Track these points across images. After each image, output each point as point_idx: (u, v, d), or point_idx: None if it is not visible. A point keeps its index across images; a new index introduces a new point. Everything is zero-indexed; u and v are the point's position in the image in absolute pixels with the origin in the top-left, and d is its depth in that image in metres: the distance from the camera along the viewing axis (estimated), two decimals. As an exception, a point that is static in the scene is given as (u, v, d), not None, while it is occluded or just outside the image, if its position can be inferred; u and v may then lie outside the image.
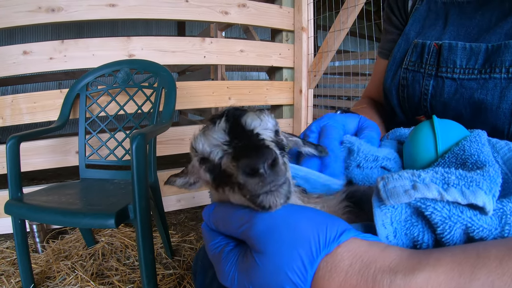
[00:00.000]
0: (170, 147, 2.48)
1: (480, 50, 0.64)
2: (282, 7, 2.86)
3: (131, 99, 1.92)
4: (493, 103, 0.62)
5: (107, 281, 1.66)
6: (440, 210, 0.36)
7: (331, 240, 0.34)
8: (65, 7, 2.13)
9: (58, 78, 6.00)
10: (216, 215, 0.43)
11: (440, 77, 0.70)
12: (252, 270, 0.36)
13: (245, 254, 0.38)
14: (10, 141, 1.48)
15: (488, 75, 0.63)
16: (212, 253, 0.43)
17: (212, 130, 0.43)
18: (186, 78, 6.39)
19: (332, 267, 0.34)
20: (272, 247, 0.35)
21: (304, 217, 0.36)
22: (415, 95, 0.75)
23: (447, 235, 0.35)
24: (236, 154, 0.37)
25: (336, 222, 0.36)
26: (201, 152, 0.43)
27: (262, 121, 0.44)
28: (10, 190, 1.46)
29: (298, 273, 0.34)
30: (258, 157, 0.34)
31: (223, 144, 0.41)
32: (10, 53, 2.09)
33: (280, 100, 3.00)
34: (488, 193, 0.35)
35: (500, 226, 0.35)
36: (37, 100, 2.16)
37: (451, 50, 0.68)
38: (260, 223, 0.37)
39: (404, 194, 0.36)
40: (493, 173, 0.38)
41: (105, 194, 1.55)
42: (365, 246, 0.35)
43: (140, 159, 1.30)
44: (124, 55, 2.31)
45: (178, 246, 2.04)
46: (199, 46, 2.55)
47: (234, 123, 0.43)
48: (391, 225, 0.38)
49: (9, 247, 2.03)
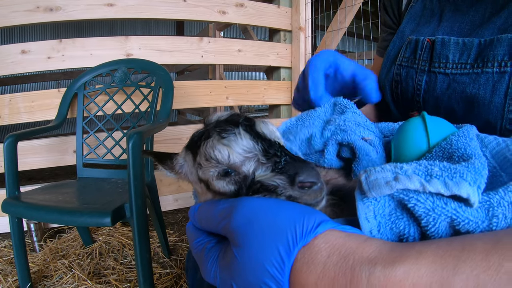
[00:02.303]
0: (167, 146, 2.48)
1: (473, 45, 0.65)
2: (280, 7, 2.86)
3: (129, 98, 1.93)
4: (485, 98, 0.63)
5: (104, 280, 1.66)
6: (423, 202, 0.35)
7: (308, 231, 0.34)
8: (63, 6, 2.14)
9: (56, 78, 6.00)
10: (200, 213, 0.43)
11: (433, 72, 0.71)
12: (232, 265, 0.36)
13: (225, 250, 0.39)
14: (8, 140, 1.48)
15: (480, 70, 0.63)
16: (195, 251, 0.43)
17: (234, 140, 0.42)
18: (185, 78, 6.39)
19: (310, 259, 0.33)
20: (250, 240, 0.35)
21: (282, 209, 0.36)
22: (408, 90, 0.76)
23: (431, 227, 0.35)
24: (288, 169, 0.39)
25: (313, 214, 0.36)
26: (225, 164, 0.42)
27: (274, 132, 0.45)
28: (7, 189, 1.47)
29: (276, 265, 0.34)
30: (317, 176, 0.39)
31: (260, 156, 0.41)
32: (8, 52, 2.09)
33: (278, 99, 3.01)
34: (473, 185, 0.34)
35: (487, 219, 0.34)
36: (35, 99, 2.16)
37: (444, 45, 0.69)
38: (238, 217, 0.37)
39: (385, 185, 0.36)
40: (478, 165, 0.37)
41: (102, 193, 1.55)
42: (343, 238, 0.34)
43: (137, 157, 1.31)
44: (122, 54, 2.31)
45: (175, 246, 2.04)
46: (197, 46, 2.55)
47: (254, 133, 0.43)
48: (375, 219, 0.37)
49: (6, 246, 2.03)
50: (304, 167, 0.39)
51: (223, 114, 0.48)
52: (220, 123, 0.45)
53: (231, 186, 0.42)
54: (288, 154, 0.42)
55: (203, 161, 0.43)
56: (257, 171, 0.41)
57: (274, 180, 0.39)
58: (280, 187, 0.39)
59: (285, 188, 0.39)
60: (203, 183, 0.46)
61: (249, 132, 0.43)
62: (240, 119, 0.45)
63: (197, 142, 0.45)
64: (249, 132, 0.43)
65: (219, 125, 0.44)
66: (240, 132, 0.42)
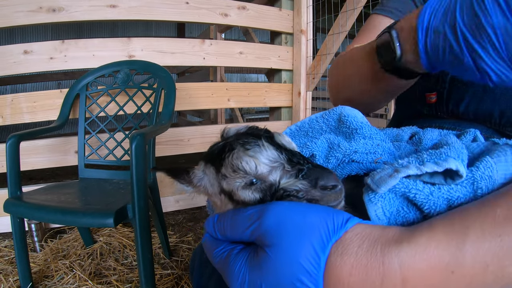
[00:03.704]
0: (168, 147, 2.49)
1: None
2: (282, 10, 2.88)
3: (131, 99, 1.93)
4: None
5: (105, 281, 1.66)
6: (422, 190, 0.40)
7: (339, 226, 0.37)
8: (66, 7, 2.14)
9: (57, 78, 6.01)
10: (222, 221, 0.44)
11: None
12: (265, 264, 0.37)
13: (255, 252, 0.39)
14: (10, 140, 1.49)
15: None
16: (218, 259, 0.43)
17: (260, 151, 0.43)
18: (185, 80, 6.40)
19: (343, 251, 0.35)
20: (283, 238, 0.36)
21: (311, 210, 0.38)
22: None
23: (434, 212, 0.40)
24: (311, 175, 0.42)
25: (341, 212, 0.38)
26: (253, 175, 0.43)
27: (290, 143, 0.48)
28: (9, 189, 1.47)
29: (312, 260, 0.35)
30: (337, 180, 0.41)
31: (286, 165, 0.43)
32: (11, 53, 2.10)
33: (279, 102, 3.02)
34: (457, 158, 0.40)
35: (473, 191, 0.40)
36: (37, 100, 2.17)
37: None
38: (269, 219, 0.38)
39: (389, 178, 0.40)
40: (457, 145, 0.44)
41: (104, 194, 1.56)
42: (369, 228, 0.37)
43: (139, 159, 1.31)
44: (124, 55, 2.32)
45: (176, 247, 2.05)
46: (198, 48, 2.56)
47: (275, 144, 0.45)
48: (384, 215, 0.41)
49: (7, 245, 2.03)
50: (325, 173, 0.42)
51: (241, 127, 0.50)
52: (241, 135, 0.46)
53: (256, 195, 0.43)
54: (310, 162, 0.44)
55: (230, 172, 0.44)
56: (282, 179, 0.43)
57: (296, 185, 0.42)
58: (302, 191, 0.41)
59: (307, 191, 0.41)
60: (226, 194, 0.46)
61: (272, 143, 0.45)
62: (261, 131, 0.47)
63: (220, 155, 0.46)
64: (271, 143, 0.45)
65: (241, 138, 0.45)
66: (264, 144, 0.44)
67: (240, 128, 0.50)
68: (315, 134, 0.64)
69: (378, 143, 0.55)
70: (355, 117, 0.59)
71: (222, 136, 0.52)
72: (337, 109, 0.62)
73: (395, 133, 0.65)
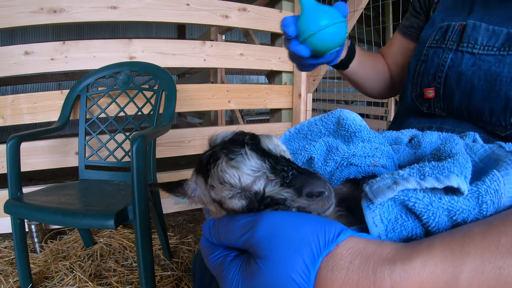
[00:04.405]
0: (169, 149, 2.49)
1: (502, 33, 0.70)
2: (282, 12, 2.88)
3: (131, 101, 1.93)
4: (508, 76, 0.68)
5: (105, 282, 1.66)
6: (421, 199, 0.39)
7: (330, 240, 0.36)
8: (67, 8, 2.14)
9: (58, 79, 6.01)
10: (217, 228, 0.44)
11: (460, 51, 0.76)
12: (257, 275, 0.37)
13: (248, 261, 0.39)
14: (11, 140, 1.49)
15: (506, 52, 0.69)
16: (213, 265, 0.44)
17: (242, 161, 0.43)
18: (186, 81, 6.40)
19: (334, 266, 0.35)
20: (275, 251, 0.36)
21: (303, 222, 0.38)
22: (432, 67, 0.81)
23: (432, 222, 0.39)
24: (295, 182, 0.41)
25: (333, 224, 0.38)
26: (239, 187, 0.43)
27: (279, 145, 0.47)
28: (9, 190, 1.47)
29: (302, 274, 0.35)
30: (323, 185, 0.40)
31: (268, 174, 0.42)
32: (11, 53, 2.10)
33: (279, 104, 3.02)
34: (460, 175, 0.39)
35: (477, 205, 0.38)
36: (37, 101, 2.17)
37: (475, 29, 0.74)
38: (261, 230, 0.38)
39: (388, 190, 0.39)
40: (462, 159, 0.42)
41: (105, 195, 1.56)
42: (363, 243, 0.36)
43: (140, 160, 1.32)
44: (125, 57, 2.32)
45: (176, 248, 2.05)
46: (199, 49, 2.56)
47: (260, 150, 0.44)
48: (382, 223, 0.40)
49: (7, 246, 2.03)
50: (310, 179, 0.41)
51: (227, 133, 0.49)
52: (226, 144, 0.46)
53: (243, 201, 0.43)
54: (295, 167, 0.43)
55: (217, 183, 0.44)
56: (267, 187, 0.42)
57: (282, 194, 0.41)
58: (289, 200, 0.41)
59: (293, 200, 0.41)
60: (217, 203, 0.47)
61: (256, 151, 0.44)
62: (245, 138, 0.46)
63: (207, 165, 0.46)
64: (255, 151, 0.44)
65: (226, 146, 0.45)
66: (247, 153, 0.43)
67: (226, 135, 0.49)
68: (314, 137, 0.64)
69: (377, 147, 0.56)
70: (353, 120, 0.60)
71: (210, 144, 0.51)
72: (336, 112, 0.63)
73: (394, 136, 0.65)
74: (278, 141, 0.48)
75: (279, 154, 0.45)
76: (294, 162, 0.44)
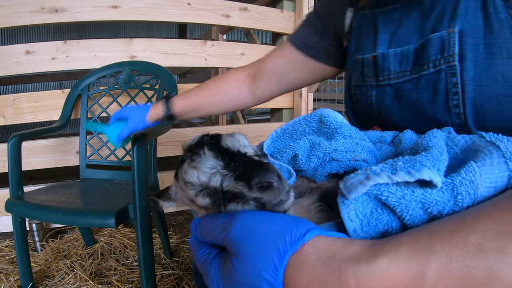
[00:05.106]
0: (170, 148, 2.49)
1: (409, 52, 0.67)
2: (283, 11, 2.88)
3: (133, 100, 1.94)
4: (428, 99, 0.64)
5: (105, 281, 1.66)
6: (394, 192, 0.40)
7: (296, 239, 0.37)
8: (68, 7, 2.15)
9: (59, 78, 6.02)
10: (201, 226, 0.47)
11: (381, 86, 0.72)
12: (232, 273, 0.39)
13: (225, 259, 0.42)
14: (12, 139, 1.49)
15: (418, 74, 0.65)
16: (199, 262, 0.46)
17: (201, 161, 0.45)
18: (187, 81, 6.40)
19: (300, 263, 0.36)
20: (246, 250, 0.38)
21: (273, 221, 0.40)
22: (364, 107, 0.78)
23: (406, 215, 0.39)
24: (245, 175, 0.42)
25: (301, 224, 0.39)
26: (198, 184, 0.45)
27: (239, 141, 0.48)
28: (10, 189, 1.47)
29: (270, 271, 0.36)
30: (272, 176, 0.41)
31: (221, 170, 0.44)
32: (13, 53, 2.11)
33: (280, 103, 3.02)
34: (432, 168, 0.40)
35: (452, 197, 0.39)
36: (38, 100, 2.17)
37: (384, 58, 0.71)
38: (235, 229, 0.40)
39: (360, 185, 0.40)
40: (436, 152, 0.43)
41: (105, 194, 1.56)
42: (329, 241, 0.37)
43: (141, 160, 1.32)
44: (126, 56, 2.33)
45: (177, 247, 2.05)
46: (200, 49, 2.56)
47: (218, 148, 0.46)
48: (357, 217, 0.41)
49: (8, 245, 2.04)
50: (259, 170, 0.42)
51: (194, 138, 0.52)
52: (192, 147, 0.48)
53: (206, 199, 0.46)
54: (246, 160, 0.45)
55: (182, 185, 0.48)
56: (224, 183, 0.44)
57: (237, 187, 0.43)
58: (244, 192, 0.42)
59: (248, 192, 0.42)
60: (192, 202, 0.50)
61: (213, 150, 0.46)
62: (206, 139, 0.48)
63: (176, 169, 0.50)
64: (213, 150, 0.46)
65: (191, 150, 0.48)
66: (205, 152, 0.45)
67: (194, 139, 0.51)
68: (299, 135, 0.66)
69: (358, 142, 0.57)
70: (335, 118, 0.62)
71: (183, 150, 0.54)
72: (318, 111, 0.66)
73: (378, 135, 0.67)
74: (241, 137, 0.49)
75: (237, 150, 0.46)
76: (249, 156, 0.46)
